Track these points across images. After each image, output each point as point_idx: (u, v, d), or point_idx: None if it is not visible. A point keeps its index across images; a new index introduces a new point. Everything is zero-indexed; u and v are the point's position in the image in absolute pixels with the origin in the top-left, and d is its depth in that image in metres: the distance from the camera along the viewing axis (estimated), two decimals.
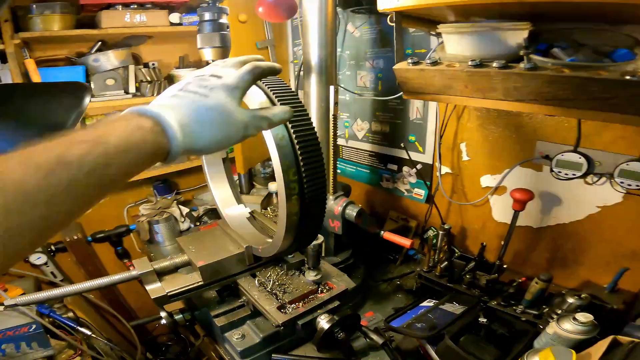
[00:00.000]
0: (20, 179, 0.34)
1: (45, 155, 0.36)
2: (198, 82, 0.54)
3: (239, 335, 1.12)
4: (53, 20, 1.56)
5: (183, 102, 0.51)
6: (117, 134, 0.42)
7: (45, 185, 0.35)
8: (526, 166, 1.23)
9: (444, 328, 1.07)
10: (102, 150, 0.40)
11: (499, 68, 0.82)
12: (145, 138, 0.44)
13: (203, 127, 0.50)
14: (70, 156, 0.37)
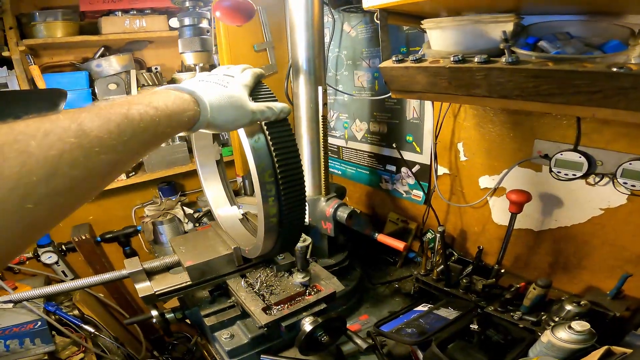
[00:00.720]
0: (97, 127, 0.40)
1: (114, 110, 0.44)
2: (216, 79, 0.69)
3: (227, 335, 1.12)
4: (56, 27, 1.62)
5: (209, 86, 0.66)
6: (163, 100, 0.52)
7: (116, 134, 0.42)
8: (525, 166, 1.17)
9: (433, 334, 1.04)
10: (153, 112, 0.49)
11: (481, 63, 0.79)
12: (184, 106, 0.56)
13: (224, 107, 0.64)
14: (132, 113, 0.46)
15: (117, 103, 0.46)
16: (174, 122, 0.53)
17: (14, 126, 0.35)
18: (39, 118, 0.37)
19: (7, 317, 1.43)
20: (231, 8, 1.13)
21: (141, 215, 2.24)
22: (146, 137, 0.48)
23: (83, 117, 0.40)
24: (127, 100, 0.48)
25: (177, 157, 2.04)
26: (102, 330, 1.80)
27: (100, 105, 0.44)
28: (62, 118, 0.39)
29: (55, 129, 0.37)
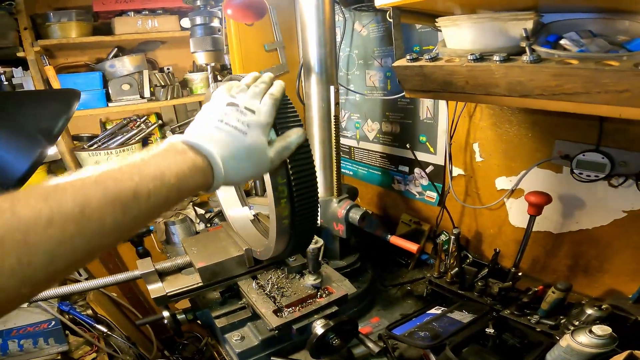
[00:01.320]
0: (101, 208, 0.40)
1: (123, 186, 0.42)
2: (236, 116, 0.60)
3: (238, 337, 1.12)
4: (70, 27, 1.63)
5: (226, 139, 0.57)
6: (175, 171, 0.48)
7: (120, 216, 0.42)
8: (544, 167, 1.14)
9: (446, 338, 1.02)
10: (165, 189, 0.47)
11: (500, 61, 0.76)
12: (197, 177, 0.52)
13: (240, 164, 0.58)
14: (141, 191, 0.44)
15: (126, 172, 0.44)
16: (184, 193, 0.50)
17: (17, 209, 0.35)
18: (43, 194, 0.38)
19: (22, 316, 1.45)
20: (242, 6, 1.12)
21: None
22: (152, 213, 0.47)
23: (89, 195, 0.39)
24: (138, 168, 0.46)
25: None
26: (114, 330, 1.82)
27: (110, 173, 0.43)
28: (67, 197, 0.38)
29: (57, 215, 0.37)
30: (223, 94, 0.64)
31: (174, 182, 0.47)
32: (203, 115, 0.62)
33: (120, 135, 1.90)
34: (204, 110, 0.63)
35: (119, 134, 1.91)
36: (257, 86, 0.67)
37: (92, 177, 0.42)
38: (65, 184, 0.40)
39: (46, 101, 0.79)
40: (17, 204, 0.36)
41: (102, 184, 0.41)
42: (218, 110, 0.61)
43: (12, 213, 0.35)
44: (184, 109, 2.23)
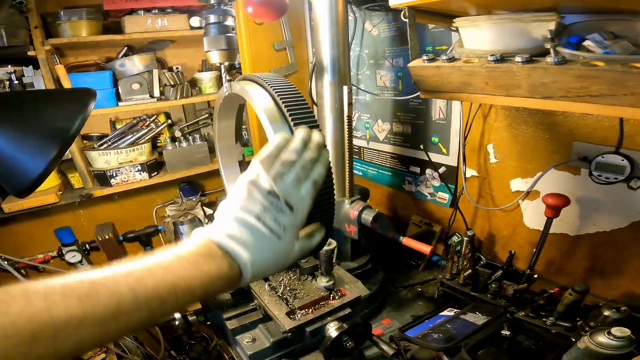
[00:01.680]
0: (128, 319, 0.43)
1: (152, 296, 0.45)
2: (274, 214, 0.55)
3: (249, 338, 1.10)
4: (80, 26, 1.63)
5: (261, 243, 0.54)
6: (205, 281, 0.49)
7: (145, 320, 0.45)
8: (561, 169, 1.12)
9: (461, 340, 1.01)
10: (191, 297, 0.49)
11: (523, 63, 0.74)
12: (225, 284, 0.52)
13: (268, 268, 0.57)
14: (169, 300, 0.46)
15: (159, 279, 0.46)
16: (210, 295, 0.55)
17: (53, 311, 0.39)
18: (78, 295, 0.41)
19: None
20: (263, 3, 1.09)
21: (162, 214, 2.26)
22: (176, 312, 0.54)
23: (121, 301, 0.42)
24: (170, 274, 0.47)
25: (198, 158, 2.04)
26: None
27: (143, 277, 0.45)
28: (100, 300, 0.41)
29: (89, 318, 0.40)
30: (264, 173, 0.57)
31: (200, 290, 0.49)
32: (240, 198, 0.56)
33: (130, 134, 1.90)
34: (242, 188, 0.57)
35: (129, 134, 1.91)
36: (304, 168, 0.59)
37: (126, 280, 0.44)
38: (99, 284, 0.43)
39: (62, 101, 0.79)
40: (53, 306, 0.39)
41: (134, 289, 0.44)
42: (256, 202, 0.55)
43: (47, 314, 0.38)
44: (193, 108, 2.22)
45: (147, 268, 0.47)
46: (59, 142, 0.73)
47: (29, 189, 0.76)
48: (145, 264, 0.47)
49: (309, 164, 0.60)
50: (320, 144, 0.62)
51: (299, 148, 0.60)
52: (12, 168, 0.75)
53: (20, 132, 0.74)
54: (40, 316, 0.38)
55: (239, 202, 0.56)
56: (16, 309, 0.38)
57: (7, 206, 1.65)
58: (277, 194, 0.56)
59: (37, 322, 0.38)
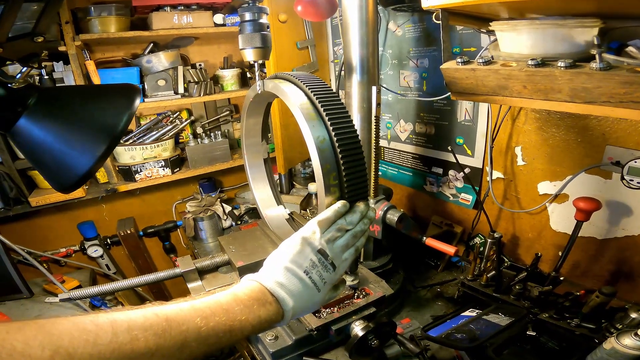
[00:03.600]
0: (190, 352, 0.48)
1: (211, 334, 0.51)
2: (320, 270, 0.64)
3: (272, 336, 1.11)
4: (110, 22, 1.65)
5: (304, 293, 0.62)
6: (255, 324, 0.56)
7: (203, 352, 0.50)
8: (592, 173, 1.11)
9: (486, 340, 1.01)
10: (241, 334, 0.54)
11: (566, 67, 0.74)
12: (268, 326, 0.58)
13: (303, 312, 0.65)
14: (224, 337, 0.52)
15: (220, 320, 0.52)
16: (252, 335, 0.61)
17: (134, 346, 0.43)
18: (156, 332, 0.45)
19: (54, 312, 1.46)
20: (314, 2, 1.09)
21: (181, 210, 2.29)
22: (216, 350, 0.55)
23: (187, 338, 0.48)
24: (228, 315, 0.53)
25: (219, 154, 2.07)
26: None
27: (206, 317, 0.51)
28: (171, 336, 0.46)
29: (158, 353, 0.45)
30: (321, 234, 0.66)
31: (250, 330, 0.55)
32: (292, 255, 0.63)
33: (155, 130, 1.92)
34: (295, 244, 0.65)
35: (153, 130, 1.93)
36: (354, 237, 0.69)
37: (194, 319, 0.50)
38: (173, 320, 0.48)
39: (110, 97, 0.80)
40: (136, 341, 0.43)
41: (199, 328, 0.49)
42: (307, 257, 0.64)
43: (130, 348, 0.43)
44: (214, 105, 2.24)
45: (210, 308, 0.53)
46: (107, 139, 0.74)
47: (75, 185, 0.78)
48: (207, 303, 0.54)
49: (360, 234, 0.70)
50: (372, 219, 0.73)
51: (356, 221, 0.70)
52: (60, 164, 0.76)
53: (69, 127, 0.75)
54: (124, 349, 0.42)
55: (291, 254, 0.63)
56: (104, 341, 0.41)
57: (34, 200, 1.69)
58: (327, 253, 0.65)
59: (120, 354, 0.42)
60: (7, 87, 0.72)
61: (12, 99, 0.72)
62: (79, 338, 0.40)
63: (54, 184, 0.81)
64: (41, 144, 0.75)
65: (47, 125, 0.74)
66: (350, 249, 0.69)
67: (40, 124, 0.74)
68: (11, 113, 0.72)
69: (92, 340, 0.40)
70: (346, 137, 0.79)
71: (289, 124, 1.84)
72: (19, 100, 0.72)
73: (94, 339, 0.40)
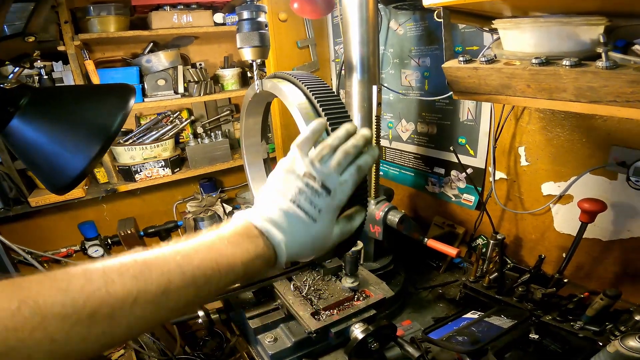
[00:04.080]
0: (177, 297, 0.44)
1: (198, 274, 0.46)
2: (310, 196, 0.55)
3: (271, 338, 1.10)
4: (109, 21, 1.64)
5: (295, 226, 0.55)
6: (246, 260, 0.50)
7: (192, 299, 0.46)
8: (597, 174, 1.09)
9: (488, 343, 1.00)
10: (233, 275, 0.50)
11: (571, 66, 0.72)
12: (262, 264, 0.53)
13: (304, 250, 0.57)
14: (213, 278, 0.47)
15: (204, 257, 0.47)
16: (249, 276, 0.52)
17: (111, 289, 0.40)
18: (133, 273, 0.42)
19: None
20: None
21: (182, 210, 2.28)
22: (219, 292, 0.50)
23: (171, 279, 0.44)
24: (214, 252, 0.49)
25: (219, 154, 2.06)
26: None
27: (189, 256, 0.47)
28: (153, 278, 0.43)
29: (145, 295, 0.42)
30: (303, 154, 0.57)
31: (242, 269, 0.50)
32: (277, 182, 0.57)
33: (155, 130, 1.92)
34: (280, 172, 0.58)
35: (153, 130, 1.92)
36: (346, 153, 0.57)
37: (175, 259, 0.46)
38: (151, 263, 0.44)
39: (103, 97, 0.78)
40: (110, 283, 0.40)
41: (182, 267, 0.45)
42: (293, 182, 0.56)
43: (106, 291, 0.39)
44: (214, 105, 2.23)
45: (192, 247, 0.48)
46: (101, 140, 0.73)
47: (68, 187, 0.77)
48: (190, 243, 0.49)
49: (352, 149, 0.58)
50: (366, 136, 0.60)
51: (342, 136, 0.59)
52: (53, 165, 0.75)
53: (62, 128, 0.74)
54: (99, 294, 0.39)
55: (275, 186, 0.57)
56: (76, 287, 0.38)
57: (34, 200, 1.68)
58: (313, 175, 0.56)
59: (96, 300, 0.38)
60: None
61: (4, 99, 0.71)
62: (49, 287, 0.37)
63: (48, 185, 0.80)
64: (34, 144, 0.73)
65: (40, 126, 0.73)
66: (349, 168, 0.57)
67: (32, 124, 0.72)
68: (3, 114, 0.71)
69: (64, 287, 0.38)
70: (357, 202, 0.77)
71: (290, 124, 1.82)
72: (10, 101, 0.71)
73: (65, 286, 0.38)
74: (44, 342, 0.35)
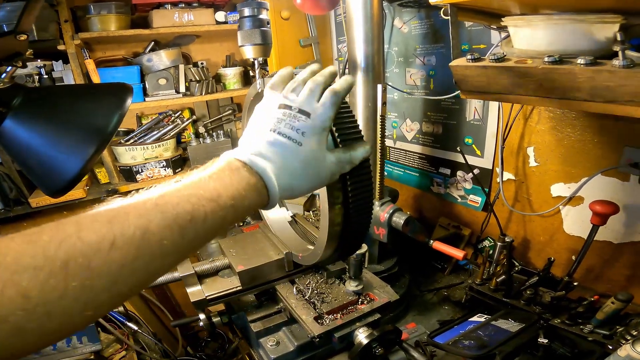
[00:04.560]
0: (160, 232, 0.41)
1: (180, 209, 0.42)
2: (290, 122, 0.55)
3: (273, 342, 1.09)
4: (110, 20, 1.62)
5: (279, 152, 0.53)
6: (231, 193, 0.47)
7: (179, 239, 0.42)
8: (609, 175, 1.06)
9: (495, 347, 0.98)
10: (221, 211, 0.46)
11: (586, 65, 0.70)
12: (252, 198, 0.49)
13: (296, 179, 0.54)
14: (198, 214, 0.43)
15: (184, 194, 0.44)
16: (241, 213, 0.49)
17: (82, 234, 0.37)
18: (107, 217, 0.39)
19: None
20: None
21: None
22: (209, 234, 0.46)
23: (149, 219, 0.40)
24: (196, 189, 0.45)
25: (220, 154, 2.03)
26: (142, 327, 1.82)
27: (168, 196, 0.43)
28: (130, 221, 0.39)
29: (121, 237, 0.38)
30: (275, 92, 0.59)
31: (230, 203, 0.46)
32: (256, 122, 0.58)
33: (156, 130, 1.90)
34: (257, 113, 0.59)
35: (155, 129, 1.91)
36: (315, 81, 0.58)
37: (152, 199, 0.42)
38: (128, 207, 0.41)
39: (99, 96, 0.76)
40: (83, 229, 0.37)
41: (161, 206, 0.42)
42: (270, 116, 0.56)
43: (77, 238, 0.36)
44: (216, 104, 2.21)
45: (172, 188, 0.45)
46: (96, 140, 0.70)
47: (64, 189, 0.74)
48: (169, 185, 0.46)
49: (321, 77, 0.58)
50: (332, 70, 0.61)
51: (308, 72, 0.60)
52: (47, 167, 0.73)
53: (56, 129, 0.71)
54: (70, 241, 0.36)
55: (254, 125, 0.57)
56: (46, 237, 0.36)
57: (34, 201, 1.67)
58: (289, 105, 0.56)
59: (67, 247, 0.35)
60: None
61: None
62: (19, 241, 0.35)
63: (43, 187, 0.77)
64: (27, 146, 0.71)
65: (33, 127, 0.70)
66: (325, 93, 0.57)
67: (25, 125, 0.70)
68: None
69: (34, 239, 0.36)
70: (351, 138, 0.74)
71: None
72: (2, 101, 0.68)
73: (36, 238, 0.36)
74: (16, 299, 0.32)
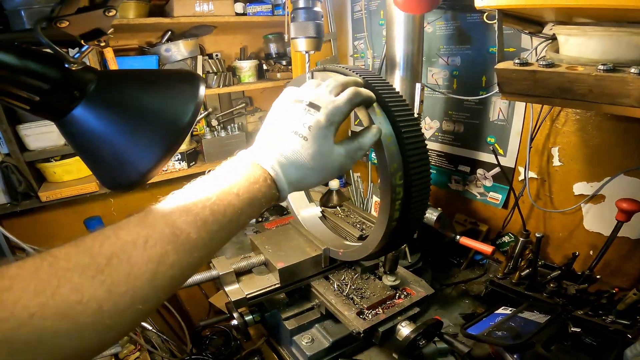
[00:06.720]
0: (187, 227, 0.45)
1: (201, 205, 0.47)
2: (299, 117, 0.57)
3: (308, 339, 1.10)
4: (129, 7, 1.57)
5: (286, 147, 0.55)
6: (246, 187, 0.51)
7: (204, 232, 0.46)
8: (632, 175, 1.13)
9: (532, 336, 1.02)
10: (238, 203, 0.49)
11: (638, 74, 0.75)
12: (264, 191, 0.52)
13: (304, 172, 0.56)
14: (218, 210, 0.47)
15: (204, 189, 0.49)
16: (256, 205, 0.52)
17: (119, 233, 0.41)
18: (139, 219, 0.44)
19: None
20: None
21: None
22: (231, 228, 0.50)
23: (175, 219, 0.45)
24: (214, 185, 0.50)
25: (235, 147, 2.01)
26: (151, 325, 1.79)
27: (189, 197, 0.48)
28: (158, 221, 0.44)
29: (153, 234, 0.42)
30: (294, 88, 0.62)
31: (245, 196, 0.50)
32: (270, 118, 0.61)
33: None
34: (272, 110, 0.62)
35: None
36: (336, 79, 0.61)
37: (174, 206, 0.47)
38: (157, 209, 0.46)
39: (172, 83, 0.69)
40: (119, 230, 0.42)
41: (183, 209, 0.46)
42: (282, 112, 0.59)
43: (116, 237, 0.41)
44: (228, 97, 2.18)
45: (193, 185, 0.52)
46: (174, 132, 0.67)
47: (135, 184, 0.70)
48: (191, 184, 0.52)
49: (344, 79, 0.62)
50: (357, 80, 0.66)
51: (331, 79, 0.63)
52: (120, 159, 0.68)
53: (131, 119, 0.66)
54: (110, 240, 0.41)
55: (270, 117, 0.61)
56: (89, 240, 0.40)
57: (44, 194, 1.60)
58: (301, 99, 0.58)
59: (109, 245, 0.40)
60: (64, 68, 0.59)
61: (70, 83, 0.61)
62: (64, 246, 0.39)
63: (109, 182, 0.73)
64: (100, 136, 0.66)
65: (108, 115, 0.65)
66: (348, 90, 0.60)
67: (100, 113, 0.64)
68: (67, 100, 0.62)
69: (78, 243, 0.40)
70: (412, 134, 0.76)
71: None
72: (77, 85, 0.61)
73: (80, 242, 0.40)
74: (71, 296, 0.35)
